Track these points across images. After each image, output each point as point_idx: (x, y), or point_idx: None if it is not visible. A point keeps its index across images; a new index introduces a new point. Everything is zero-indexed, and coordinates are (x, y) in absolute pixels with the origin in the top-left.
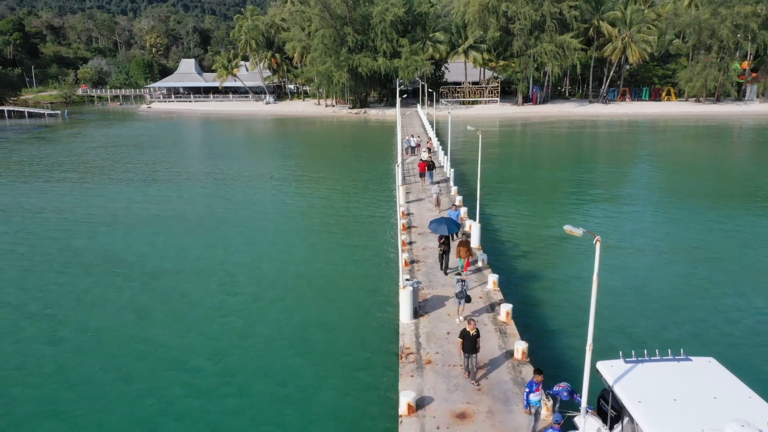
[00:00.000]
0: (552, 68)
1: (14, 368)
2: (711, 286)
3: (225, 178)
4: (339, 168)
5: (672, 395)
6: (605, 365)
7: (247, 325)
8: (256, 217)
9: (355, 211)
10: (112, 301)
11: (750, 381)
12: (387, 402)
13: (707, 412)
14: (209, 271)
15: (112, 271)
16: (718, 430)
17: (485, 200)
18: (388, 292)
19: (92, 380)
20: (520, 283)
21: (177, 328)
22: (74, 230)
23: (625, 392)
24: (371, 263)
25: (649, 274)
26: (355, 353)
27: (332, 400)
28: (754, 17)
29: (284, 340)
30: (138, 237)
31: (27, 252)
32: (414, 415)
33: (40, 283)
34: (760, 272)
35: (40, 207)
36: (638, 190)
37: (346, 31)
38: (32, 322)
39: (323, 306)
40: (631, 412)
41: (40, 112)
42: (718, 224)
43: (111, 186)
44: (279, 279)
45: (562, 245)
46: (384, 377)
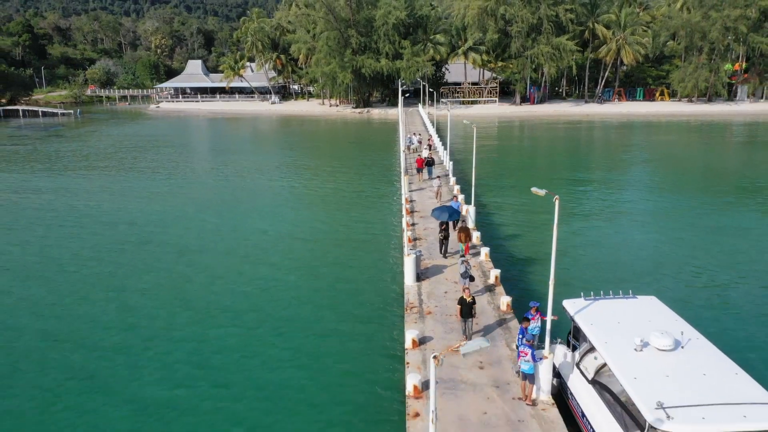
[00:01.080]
0: (549, 69)
1: (87, 317)
2: (672, 247)
3: (242, 170)
4: (346, 161)
5: (617, 320)
6: (569, 302)
7: (277, 287)
8: (275, 201)
9: (362, 198)
10: (165, 265)
11: (681, 312)
12: (394, 341)
13: (642, 329)
14: (239, 245)
15: (167, 244)
16: (646, 339)
17: (482, 189)
18: (394, 263)
19: (158, 318)
20: (508, 254)
21: (215, 284)
22: (115, 213)
23: (582, 320)
24: (379, 241)
25: (613, 236)
26: (367, 307)
27: (350, 340)
28: (744, 20)
29: (307, 297)
30: (173, 220)
31: (81, 231)
32: (417, 348)
33: (98, 254)
34: (713, 236)
35: (84, 194)
36: (624, 176)
37: (350, 34)
38: (100, 280)
39: (338, 274)
40: (585, 332)
41: (54, 111)
42: (688, 202)
43: (138, 177)
44: (297, 251)
45: (548, 224)
46: (392, 324)
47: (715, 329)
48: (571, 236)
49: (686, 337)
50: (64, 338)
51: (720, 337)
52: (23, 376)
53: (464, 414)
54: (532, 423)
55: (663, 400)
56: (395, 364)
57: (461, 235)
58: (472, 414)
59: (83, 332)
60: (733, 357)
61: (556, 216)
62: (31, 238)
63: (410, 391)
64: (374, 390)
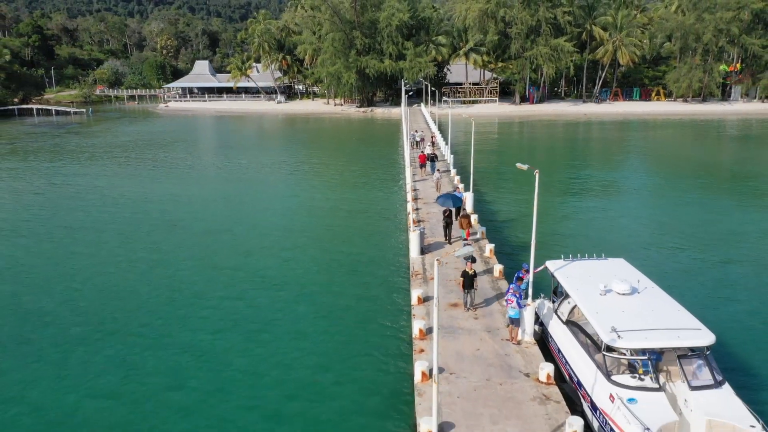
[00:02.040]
0: (547, 70)
1: (137, 282)
2: (647, 221)
3: (257, 163)
4: (353, 156)
5: (589, 275)
6: (551, 263)
7: (296, 258)
8: (289, 190)
9: (370, 188)
10: (197, 241)
11: (645, 271)
12: (402, 298)
13: (607, 280)
14: (261, 225)
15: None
16: (609, 286)
17: (481, 178)
18: (400, 241)
19: (197, 283)
20: (503, 232)
21: (243, 257)
22: (146, 200)
23: (560, 275)
24: (386, 223)
25: (596, 213)
26: (378, 275)
27: (363, 299)
28: (737, 22)
29: (323, 266)
30: (199, 204)
31: (117, 217)
32: (422, 304)
33: (137, 234)
34: (686, 214)
35: (114, 184)
36: (616, 166)
37: (355, 35)
38: (142, 255)
39: (350, 249)
40: (562, 283)
41: (67, 110)
42: (670, 186)
43: (160, 168)
44: (312, 230)
45: (540, 207)
46: (399, 288)
47: (671, 282)
48: (560, 213)
49: (642, 286)
50: (125, 296)
51: (673, 287)
52: (105, 323)
53: (461, 350)
54: (516, 356)
55: (617, 326)
56: (402, 316)
57: (463, 221)
58: (467, 350)
59: (138, 291)
60: (680, 300)
61: (536, 187)
62: (77, 219)
63: (416, 334)
64: (385, 334)
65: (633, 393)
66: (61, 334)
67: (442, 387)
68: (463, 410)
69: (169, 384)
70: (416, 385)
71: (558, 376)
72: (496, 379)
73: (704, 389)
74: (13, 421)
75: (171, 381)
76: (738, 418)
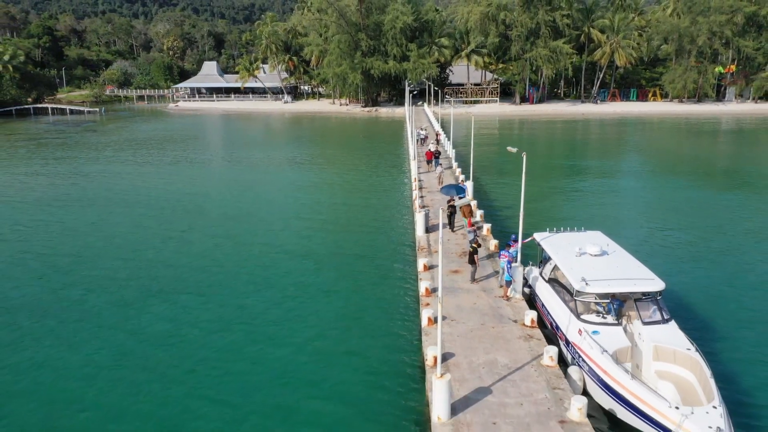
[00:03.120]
0: (546, 71)
1: (174, 257)
2: (628, 202)
3: (269, 157)
4: (360, 151)
5: (569, 243)
6: (538, 234)
7: (312, 236)
8: (302, 180)
9: (377, 178)
10: (219, 225)
11: (618, 241)
12: (409, 267)
13: (584, 245)
14: (278, 210)
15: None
16: (584, 249)
17: (481, 170)
18: (406, 223)
19: (230, 259)
20: (498, 214)
21: (264, 236)
22: (168, 191)
23: (544, 243)
24: (393, 208)
25: (584, 195)
26: (387, 249)
27: (374, 268)
28: (730, 25)
29: (337, 243)
30: (217, 194)
31: (152, 204)
32: (427, 271)
33: (163, 219)
34: (664, 197)
35: (140, 176)
36: (609, 159)
37: (360, 37)
38: (177, 233)
39: (361, 230)
40: (545, 249)
41: (81, 109)
42: (655, 174)
43: (179, 162)
44: (325, 213)
45: (534, 194)
46: (406, 259)
47: (640, 248)
48: (551, 196)
49: (611, 249)
50: (169, 265)
51: (640, 251)
52: (155, 286)
53: (460, 304)
54: (507, 308)
55: (586, 277)
56: (410, 280)
57: (464, 209)
58: (465, 304)
59: (182, 262)
60: (644, 261)
61: (524, 166)
62: (115, 203)
63: (422, 292)
64: (394, 293)
65: (596, 327)
66: (117, 295)
67: (444, 329)
68: (461, 345)
69: (215, 329)
70: (423, 329)
71: (541, 325)
72: (490, 324)
73: (654, 324)
74: (72, 364)
75: (216, 327)
76: (678, 344)
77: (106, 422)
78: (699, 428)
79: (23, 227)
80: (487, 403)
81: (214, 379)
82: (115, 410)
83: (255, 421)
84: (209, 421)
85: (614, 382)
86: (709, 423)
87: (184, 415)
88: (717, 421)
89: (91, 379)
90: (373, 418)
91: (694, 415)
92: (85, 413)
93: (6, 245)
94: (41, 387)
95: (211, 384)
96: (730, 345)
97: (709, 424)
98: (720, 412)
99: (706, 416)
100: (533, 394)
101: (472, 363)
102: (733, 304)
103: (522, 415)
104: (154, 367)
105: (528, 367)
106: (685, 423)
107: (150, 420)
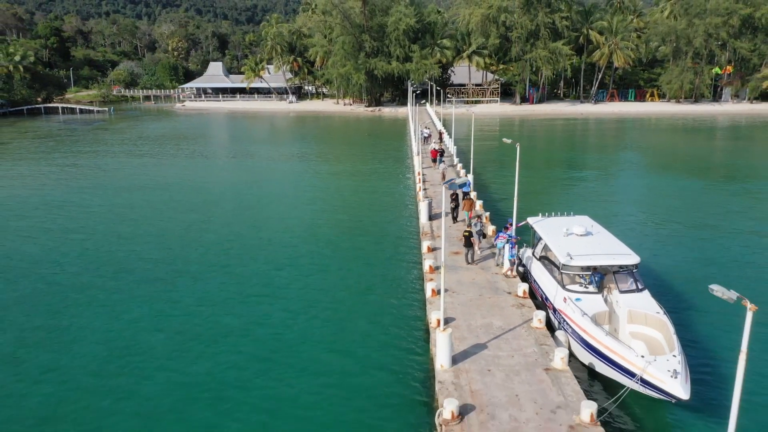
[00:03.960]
0: (546, 72)
1: (198, 242)
2: (616, 190)
3: (278, 154)
4: (365, 148)
5: (558, 225)
6: (531, 218)
7: (323, 224)
8: (311, 174)
9: (382, 173)
10: (237, 214)
11: (604, 224)
12: (413, 251)
13: (571, 227)
14: (291, 200)
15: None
16: (570, 230)
17: (481, 165)
18: (410, 213)
19: (252, 244)
20: (497, 204)
21: (280, 223)
22: (185, 183)
23: (537, 226)
24: (398, 200)
25: (577, 185)
26: (392, 235)
27: (381, 250)
28: (726, 27)
29: (346, 228)
30: (232, 187)
31: (171, 200)
32: (431, 252)
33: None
34: (651, 187)
35: (157, 171)
36: (603, 152)
37: (364, 38)
38: (197, 219)
39: (368, 218)
40: (537, 230)
41: (90, 108)
42: (646, 166)
43: (196, 158)
44: (335, 203)
45: (530, 185)
46: (410, 244)
47: (624, 229)
48: (546, 186)
49: (596, 230)
50: (196, 247)
51: (624, 232)
52: (185, 264)
53: (461, 279)
54: (503, 283)
55: (570, 252)
56: (413, 261)
57: (466, 203)
58: (465, 279)
59: (207, 244)
60: (625, 240)
61: (517, 156)
62: (138, 195)
63: (426, 270)
64: (400, 271)
65: (579, 295)
66: (151, 273)
67: (446, 299)
68: (461, 312)
69: (242, 300)
70: (428, 299)
71: (532, 298)
72: (486, 295)
73: (629, 293)
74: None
75: (240, 296)
76: (649, 309)
77: (155, 371)
78: (659, 371)
79: (69, 208)
80: (483, 355)
81: (248, 339)
82: (153, 355)
83: (281, 370)
84: (244, 371)
85: (592, 339)
86: (667, 367)
87: (220, 366)
88: (675, 365)
89: (138, 333)
90: (386, 368)
91: (656, 362)
92: (135, 357)
93: (54, 224)
94: (96, 334)
95: (246, 343)
96: (696, 310)
97: (668, 368)
98: (678, 359)
99: (666, 362)
100: (523, 349)
101: (470, 325)
102: (703, 276)
103: (513, 364)
104: (189, 330)
105: (519, 329)
106: (648, 368)
107: (195, 366)
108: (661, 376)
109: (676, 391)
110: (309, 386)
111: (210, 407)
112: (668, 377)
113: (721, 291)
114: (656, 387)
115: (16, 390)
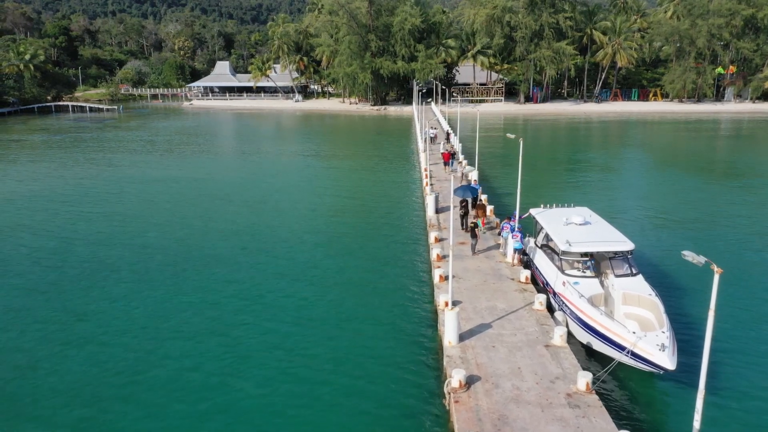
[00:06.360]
0: (549, 71)
1: (216, 231)
2: (615, 185)
3: (287, 151)
4: (372, 145)
5: (559, 215)
6: (534, 210)
7: (335, 216)
8: (319, 170)
9: (390, 168)
10: (248, 206)
11: (602, 215)
12: (421, 240)
13: (571, 217)
14: (302, 192)
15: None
16: (570, 220)
17: (486, 162)
18: (417, 206)
19: (263, 233)
20: (500, 196)
21: (289, 214)
22: (197, 178)
23: (539, 217)
24: (405, 193)
25: (579, 179)
26: (401, 226)
27: (391, 240)
28: (729, 27)
29: (357, 220)
30: (242, 183)
31: (189, 193)
32: (438, 243)
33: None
34: (647, 181)
35: (173, 167)
36: (605, 149)
37: (370, 38)
38: (216, 211)
39: (377, 210)
40: (539, 220)
41: (100, 107)
42: (646, 163)
43: (208, 155)
44: (345, 196)
45: (533, 179)
46: (417, 235)
47: (622, 219)
48: (549, 180)
49: (594, 220)
50: (215, 238)
51: (623, 221)
52: (188, 252)
53: (466, 267)
54: (506, 270)
55: (569, 240)
56: (421, 250)
57: (478, 210)
58: (471, 267)
59: (226, 233)
60: (621, 229)
61: (520, 150)
62: (159, 187)
63: (434, 258)
64: (411, 259)
65: (577, 279)
66: (170, 260)
67: (452, 285)
68: (467, 295)
69: (259, 288)
70: (436, 284)
71: (534, 284)
72: (491, 281)
73: (624, 277)
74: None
75: (259, 277)
76: (643, 292)
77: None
78: (648, 345)
79: (97, 196)
80: (488, 333)
81: (271, 312)
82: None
83: (299, 351)
84: (265, 349)
85: (588, 318)
86: (656, 342)
87: (238, 346)
88: (663, 340)
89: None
90: (398, 346)
91: (646, 337)
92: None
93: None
94: (119, 319)
95: (270, 317)
96: (686, 291)
97: (656, 342)
98: (667, 335)
99: (656, 338)
100: (525, 328)
101: (476, 308)
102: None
103: (515, 341)
104: (209, 315)
105: (521, 311)
106: (639, 342)
107: (214, 345)
108: (650, 349)
109: (664, 362)
110: (330, 355)
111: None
112: (656, 350)
113: (691, 256)
114: (646, 359)
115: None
